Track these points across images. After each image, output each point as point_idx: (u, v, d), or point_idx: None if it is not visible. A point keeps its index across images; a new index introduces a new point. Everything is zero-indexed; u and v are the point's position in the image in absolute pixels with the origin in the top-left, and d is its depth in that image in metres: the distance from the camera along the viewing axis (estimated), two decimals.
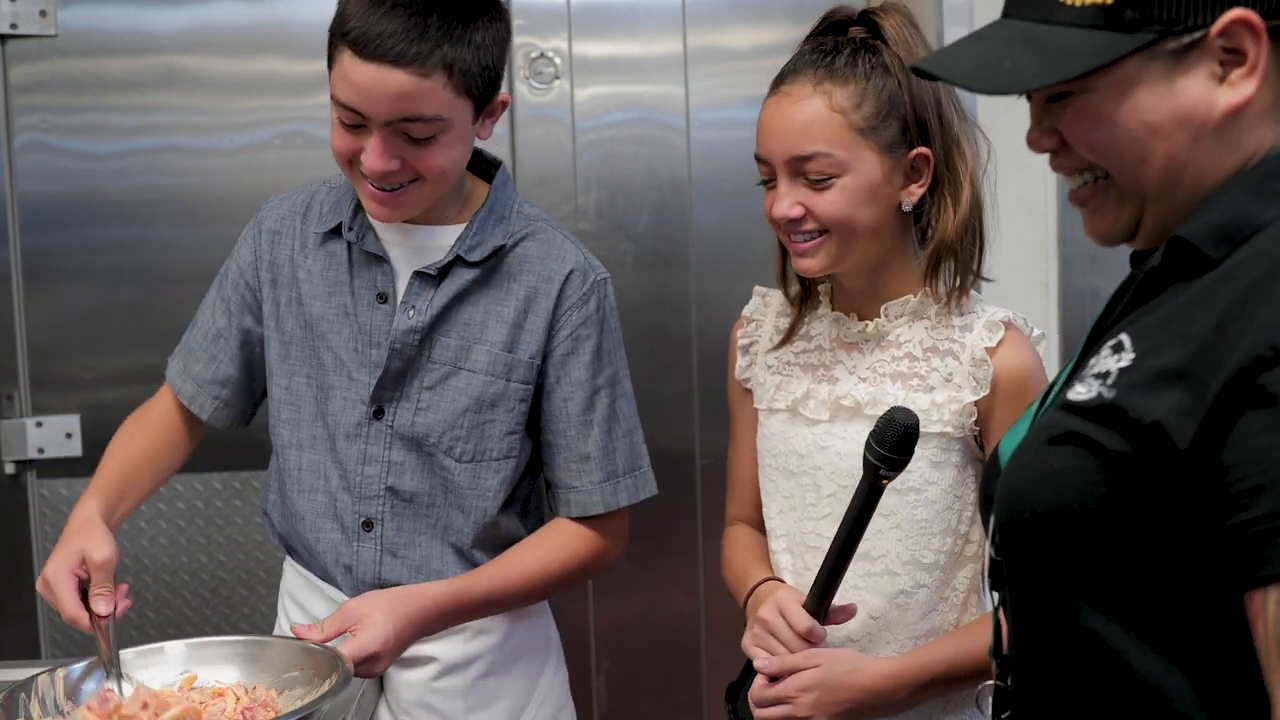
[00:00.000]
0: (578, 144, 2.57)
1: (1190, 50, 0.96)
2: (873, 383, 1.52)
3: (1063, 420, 0.97)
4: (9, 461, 2.50)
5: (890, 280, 1.52)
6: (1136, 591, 0.94)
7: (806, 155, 1.44)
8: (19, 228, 2.47)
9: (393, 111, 1.48)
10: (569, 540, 1.69)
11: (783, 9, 2.57)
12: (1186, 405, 0.90)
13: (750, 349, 1.64)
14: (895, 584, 1.51)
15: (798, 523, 1.56)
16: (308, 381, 1.67)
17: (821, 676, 1.44)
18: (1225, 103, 0.97)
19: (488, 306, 1.62)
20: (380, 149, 1.50)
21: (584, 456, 1.66)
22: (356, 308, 1.63)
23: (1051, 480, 0.96)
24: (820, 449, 1.53)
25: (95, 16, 2.47)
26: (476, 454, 1.64)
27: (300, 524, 1.69)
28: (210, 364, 1.74)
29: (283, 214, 1.70)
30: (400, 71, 1.46)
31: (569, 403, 1.65)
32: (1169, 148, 0.98)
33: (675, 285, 2.62)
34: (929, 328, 1.51)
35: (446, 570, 1.66)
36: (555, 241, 1.65)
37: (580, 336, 1.64)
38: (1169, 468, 0.90)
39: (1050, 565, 0.98)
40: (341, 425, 1.64)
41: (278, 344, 1.68)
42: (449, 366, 1.62)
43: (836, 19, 1.50)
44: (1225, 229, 0.96)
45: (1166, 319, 0.96)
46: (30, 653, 2.50)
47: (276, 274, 1.68)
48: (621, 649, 2.69)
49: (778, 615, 1.47)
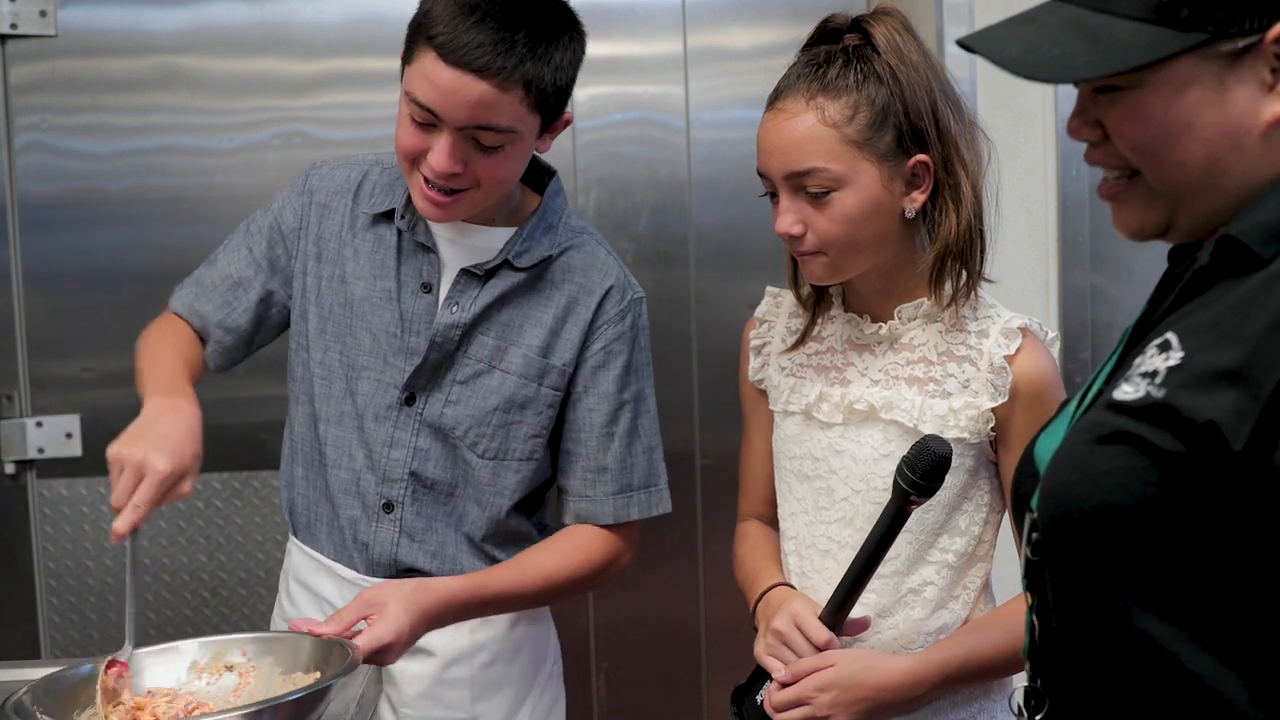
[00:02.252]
0: (578, 144, 2.57)
1: (1244, 55, 0.94)
2: (886, 385, 1.52)
3: (1110, 419, 0.96)
4: (9, 461, 2.50)
5: (902, 283, 1.52)
6: (1189, 592, 0.93)
7: (803, 171, 1.44)
8: (19, 228, 2.47)
9: (469, 118, 1.51)
10: (583, 546, 1.70)
11: (783, 9, 2.57)
12: (1241, 406, 0.89)
13: (763, 350, 1.65)
14: (905, 582, 1.51)
15: (809, 525, 1.56)
16: (341, 359, 1.69)
17: (838, 675, 1.44)
18: (1271, 112, 0.95)
19: (527, 311, 1.66)
20: (449, 151, 1.53)
21: (601, 468, 1.69)
22: (401, 294, 1.66)
23: (1101, 480, 0.95)
24: (835, 453, 1.53)
25: (95, 16, 2.47)
26: (500, 452, 1.67)
27: (323, 496, 1.71)
28: (223, 308, 1.73)
29: (335, 188, 1.72)
30: (483, 82, 1.49)
31: (593, 414, 1.68)
32: (1210, 153, 0.97)
33: (675, 285, 2.62)
34: (942, 331, 1.51)
35: (461, 558, 1.68)
36: (599, 255, 1.70)
37: (613, 351, 1.67)
38: (1223, 468, 0.89)
39: (1099, 566, 0.97)
40: (371, 406, 1.67)
41: (316, 318, 1.70)
42: (484, 364, 1.65)
43: (830, 27, 1.50)
44: (1275, 228, 0.95)
45: (1217, 318, 0.94)
46: (30, 653, 2.51)
47: (322, 248, 1.70)
48: (621, 649, 2.69)
49: (793, 627, 1.48)
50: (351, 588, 1.68)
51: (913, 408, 1.49)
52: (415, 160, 1.56)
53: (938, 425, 1.47)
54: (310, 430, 1.72)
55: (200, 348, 1.74)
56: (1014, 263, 2.37)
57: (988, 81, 2.31)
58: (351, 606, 1.52)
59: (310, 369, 1.71)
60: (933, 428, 1.47)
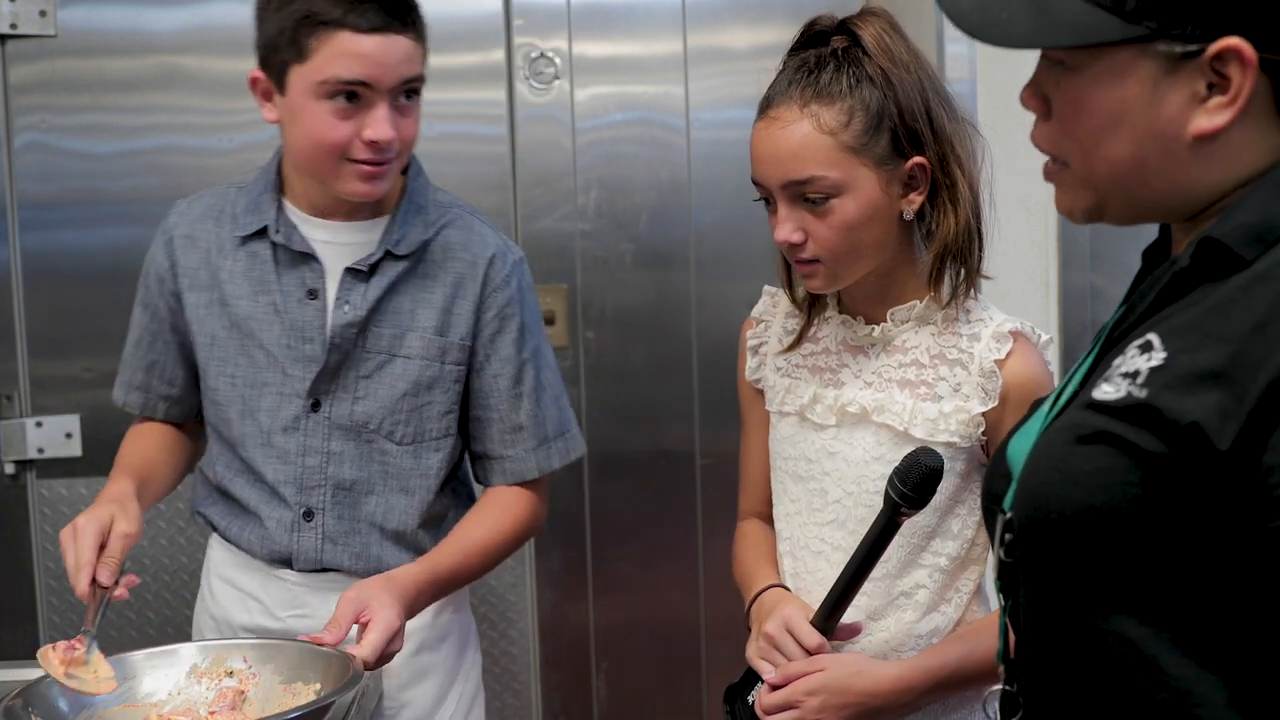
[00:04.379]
0: (578, 144, 2.57)
1: (1183, 62, 0.94)
2: (879, 388, 1.52)
3: (1091, 419, 0.95)
4: (9, 461, 2.50)
5: (897, 286, 1.52)
6: (1170, 594, 0.93)
7: (802, 180, 1.43)
8: (19, 228, 2.47)
9: (399, 77, 1.56)
10: (510, 508, 1.75)
11: (783, 9, 2.57)
12: (1226, 406, 0.88)
13: (760, 350, 1.64)
14: (896, 585, 1.51)
15: (802, 526, 1.56)
16: (232, 381, 1.71)
17: (828, 680, 1.44)
18: (1197, 127, 0.95)
19: (416, 295, 1.69)
20: (388, 117, 1.57)
21: (517, 427, 1.74)
22: (286, 305, 1.67)
23: (1081, 481, 0.94)
24: (829, 455, 1.53)
25: (95, 16, 2.47)
26: (417, 435, 1.70)
27: (242, 514, 1.73)
28: (150, 369, 1.78)
29: (194, 218, 1.74)
30: (403, 37, 1.56)
31: (499, 378, 1.72)
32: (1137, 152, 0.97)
33: (675, 285, 2.62)
34: (936, 334, 1.51)
35: (385, 556, 1.71)
36: (474, 228, 1.74)
37: (506, 315, 1.72)
38: (1207, 469, 0.89)
39: (1076, 567, 0.96)
40: (278, 420, 1.69)
41: (204, 346, 1.72)
42: (385, 355, 1.68)
43: (817, 30, 1.48)
44: (1257, 229, 0.95)
45: (1199, 319, 0.94)
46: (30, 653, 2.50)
47: (194, 278, 1.72)
48: (621, 649, 2.69)
49: (784, 632, 1.48)
50: (278, 582, 1.72)
51: (904, 411, 1.48)
52: (344, 150, 1.58)
53: (928, 429, 1.47)
54: (225, 452, 1.74)
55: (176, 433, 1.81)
56: (1014, 263, 2.37)
57: (988, 81, 2.31)
58: (342, 611, 1.53)
59: (209, 396, 1.74)
60: (923, 431, 1.47)
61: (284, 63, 1.57)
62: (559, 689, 2.67)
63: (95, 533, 1.51)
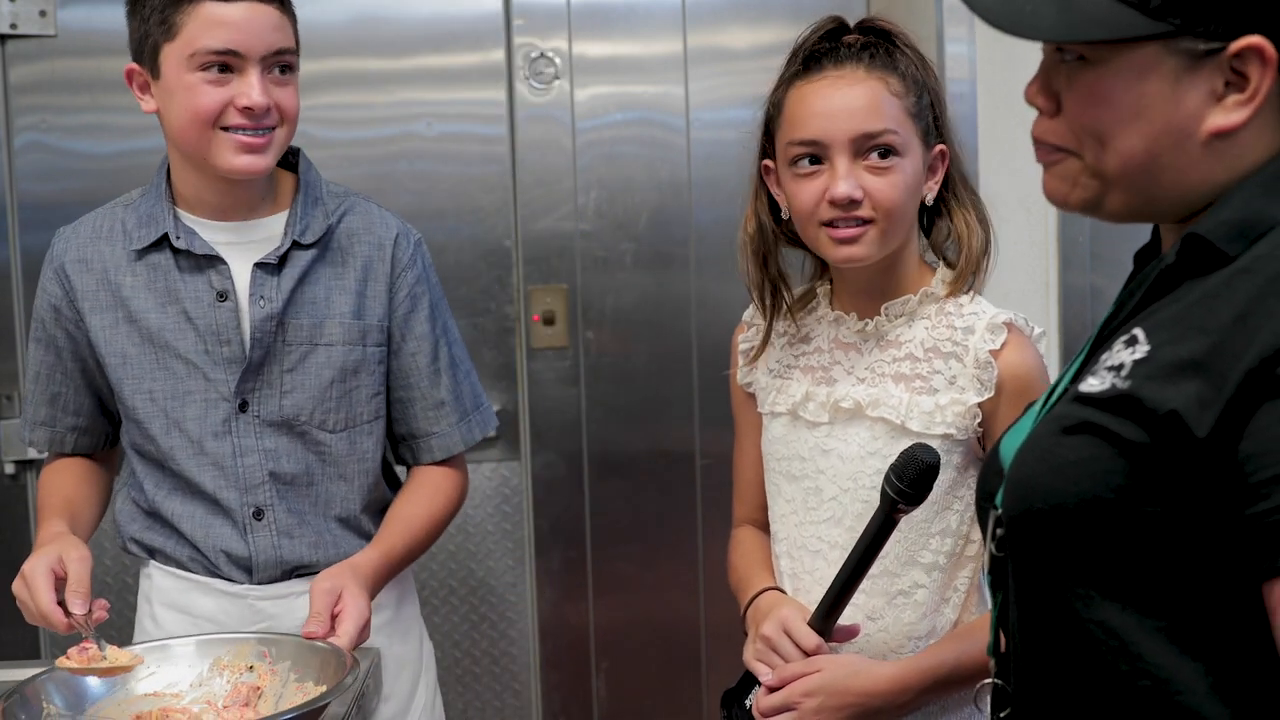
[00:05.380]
0: (578, 144, 2.57)
1: (1205, 59, 0.96)
2: (872, 383, 1.52)
3: (1076, 411, 0.97)
4: (9, 461, 2.50)
5: (894, 278, 1.53)
6: (1152, 581, 0.94)
7: (876, 132, 1.44)
8: (19, 228, 2.47)
9: (268, 45, 1.60)
10: (440, 485, 1.79)
11: (783, 9, 2.57)
12: (1205, 395, 0.90)
13: (750, 353, 1.65)
14: (894, 584, 1.51)
15: (798, 526, 1.56)
16: (151, 396, 1.68)
17: (825, 681, 1.44)
18: (1213, 124, 0.97)
19: (328, 282, 1.70)
20: (261, 85, 1.59)
21: (439, 403, 1.76)
22: (197, 311, 1.67)
23: (1066, 471, 0.96)
24: (822, 453, 1.53)
25: (95, 16, 2.47)
26: (349, 421, 1.71)
27: (182, 528, 1.70)
28: (53, 402, 1.76)
29: (82, 242, 1.73)
30: (268, 6, 1.60)
31: (417, 356, 1.75)
32: (1152, 147, 0.98)
33: (675, 285, 2.62)
34: (929, 327, 1.51)
35: (341, 543, 1.71)
36: (373, 212, 1.76)
37: (416, 294, 1.74)
38: (1187, 457, 0.91)
39: (1062, 557, 0.98)
40: (207, 427, 1.68)
41: (115, 366, 1.70)
42: (306, 345, 1.69)
43: (834, 27, 1.50)
44: (1241, 226, 0.96)
45: (1183, 313, 0.96)
46: (30, 653, 2.51)
47: (95, 300, 1.70)
48: (621, 649, 2.69)
49: (781, 633, 1.48)
50: (236, 600, 1.69)
51: (899, 405, 1.49)
52: (217, 119, 1.60)
53: (924, 422, 1.47)
54: (153, 471, 1.71)
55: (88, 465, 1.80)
56: (1014, 263, 2.37)
57: (988, 82, 2.31)
58: (321, 603, 1.54)
59: (129, 416, 1.71)
60: (919, 424, 1.47)
61: (156, 45, 1.60)
62: (559, 689, 2.67)
63: (45, 572, 1.50)
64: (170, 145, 1.68)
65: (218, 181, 1.65)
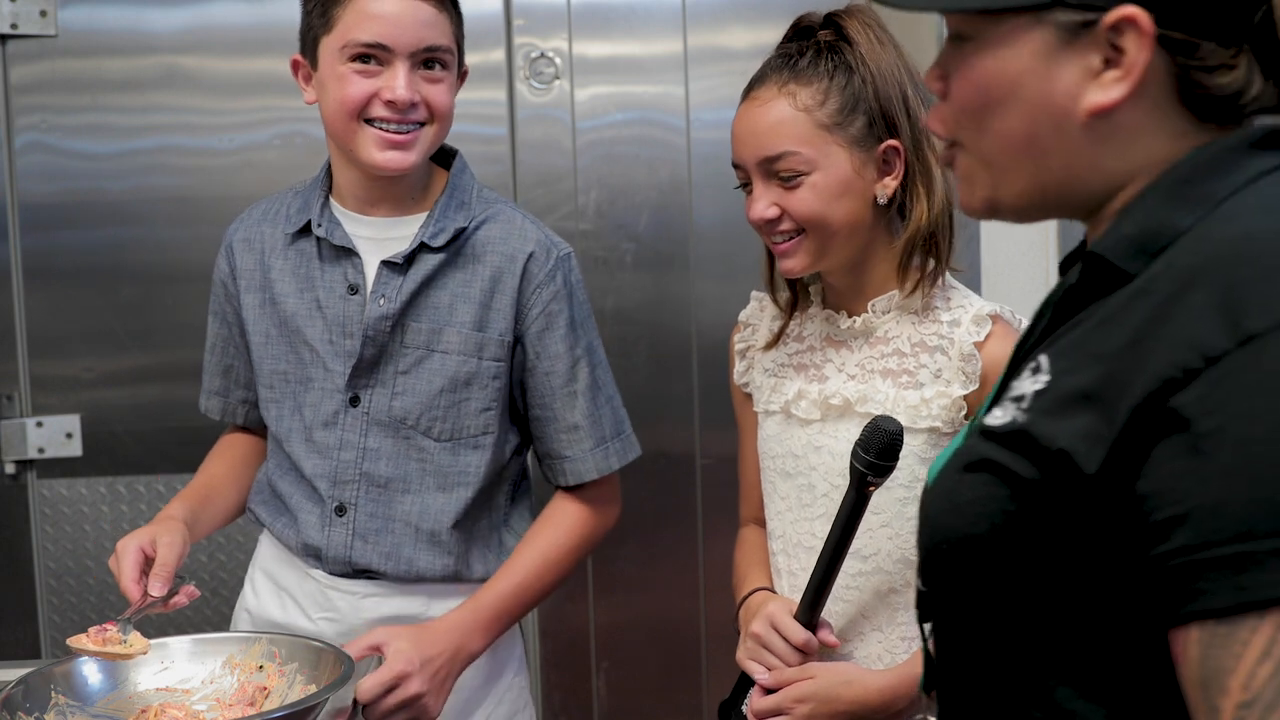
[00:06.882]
0: (578, 144, 2.57)
1: (1081, 33, 0.89)
2: (862, 380, 1.52)
3: (978, 446, 0.92)
4: (9, 461, 2.50)
5: (874, 275, 1.53)
6: (1054, 624, 0.88)
7: (775, 155, 1.46)
8: (19, 228, 2.47)
9: (418, 40, 1.60)
10: (566, 520, 1.76)
11: (783, 9, 2.56)
12: (1095, 430, 0.84)
13: (747, 353, 1.66)
14: (886, 581, 1.51)
15: (794, 523, 1.57)
16: (284, 378, 1.73)
17: (817, 688, 1.45)
18: (1089, 101, 0.90)
19: (454, 289, 1.68)
20: (406, 80, 1.59)
21: (573, 426, 1.73)
22: (328, 300, 1.69)
23: (965, 510, 0.91)
24: (814, 449, 1.54)
25: (95, 16, 2.47)
26: (455, 432, 1.70)
27: (285, 507, 1.75)
28: (226, 374, 1.83)
29: (252, 223, 1.78)
30: (423, 2, 1.60)
31: (551, 376, 1.72)
32: (1030, 129, 0.92)
33: (675, 285, 2.62)
34: (916, 323, 1.52)
35: (417, 560, 1.70)
36: (515, 222, 1.72)
37: (552, 312, 1.70)
38: (1079, 495, 0.84)
39: (968, 597, 0.93)
40: (320, 415, 1.70)
41: (258, 345, 1.75)
42: (422, 350, 1.68)
43: (803, 25, 1.52)
44: (1140, 241, 0.89)
45: (1081, 339, 0.89)
46: (30, 653, 2.51)
47: (250, 279, 1.75)
48: (621, 649, 2.69)
49: (770, 630, 1.49)
50: (312, 582, 1.72)
51: (886, 400, 1.49)
52: (363, 110, 1.61)
53: (911, 416, 1.48)
54: (275, 449, 1.77)
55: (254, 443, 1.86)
56: (1014, 263, 2.37)
57: None
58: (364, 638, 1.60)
59: (264, 395, 1.76)
60: (906, 419, 1.47)
61: (315, 37, 1.63)
62: (559, 689, 2.67)
63: (135, 550, 1.55)
64: (328, 137, 1.70)
65: (365, 176, 1.67)
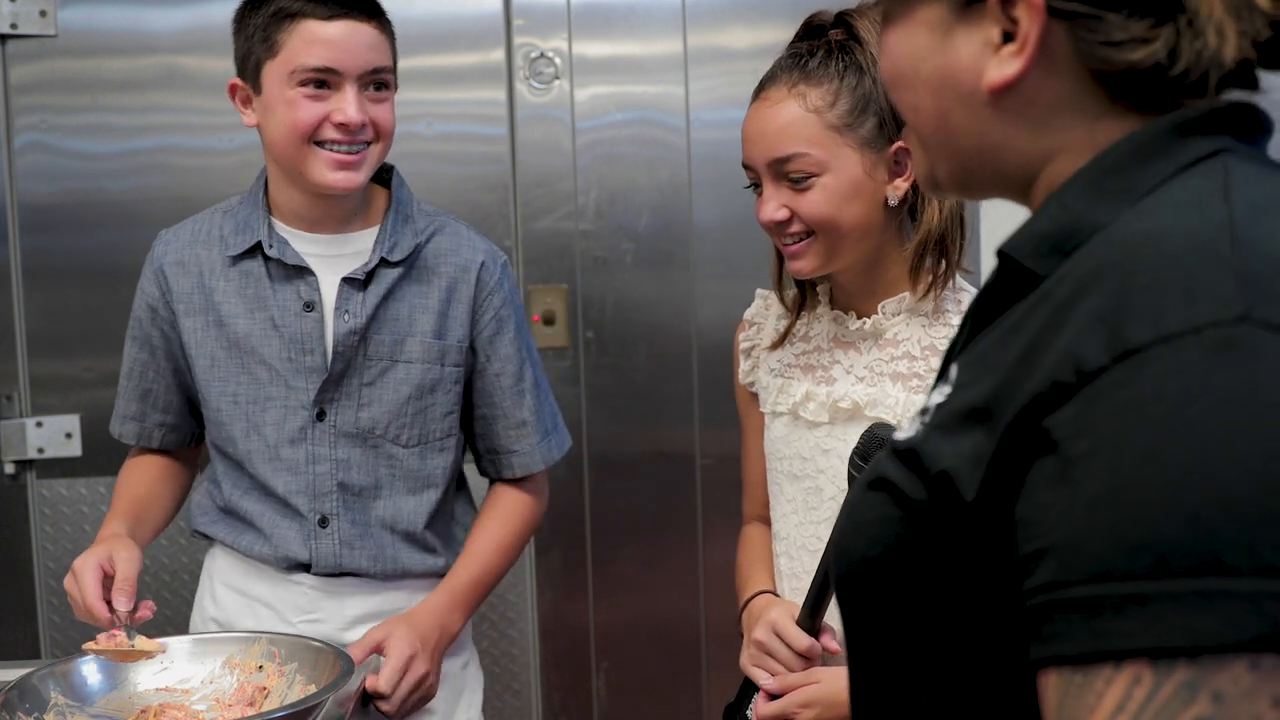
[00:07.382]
0: (578, 144, 2.57)
1: (974, 7, 0.86)
2: (871, 382, 1.52)
3: (883, 464, 0.86)
4: (9, 461, 2.50)
5: (885, 277, 1.52)
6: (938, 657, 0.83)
7: (785, 156, 1.46)
8: (19, 228, 2.47)
9: (365, 63, 1.63)
10: (513, 508, 1.84)
11: (783, 9, 2.57)
12: (980, 451, 0.76)
13: (752, 353, 1.65)
14: None
15: (799, 526, 1.56)
16: (235, 400, 1.74)
17: (821, 693, 1.45)
18: (989, 78, 0.86)
19: (412, 300, 1.74)
20: (356, 102, 1.63)
21: (521, 422, 1.82)
22: (284, 319, 1.71)
23: (864, 530, 0.86)
24: (822, 452, 1.53)
25: (95, 16, 2.47)
26: (422, 437, 1.76)
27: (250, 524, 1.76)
28: (144, 399, 1.82)
29: (182, 245, 1.77)
30: (367, 25, 1.64)
31: (501, 377, 1.79)
32: (938, 104, 0.89)
33: (675, 285, 2.62)
34: (926, 325, 1.51)
35: (401, 558, 1.76)
36: (462, 234, 1.79)
37: (503, 317, 1.79)
38: (961, 521, 0.78)
39: (866, 620, 0.88)
40: (284, 432, 1.72)
41: (203, 369, 1.75)
42: (385, 361, 1.73)
43: (814, 24, 1.52)
44: (1053, 238, 0.82)
45: (988, 348, 0.82)
46: (30, 653, 2.51)
47: (189, 303, 1.75)
48: (621, 649, 2.69)
49: (773, 636, 1.48)
50: (292, 586, 1.75)
51: (896, 404, 1.49)
52: (314, 133, 1.63)
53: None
54: (231, 471, 1.77)
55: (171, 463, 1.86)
56: None
57: None
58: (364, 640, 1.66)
59: (212, 418, 1.77)
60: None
61: (258, 62, 1.64)
62: (559, 689, 2.67)
63: (94, 568, 1.56)
64: (268, 158, 1.71)
65: (312, 195, 1.69)
